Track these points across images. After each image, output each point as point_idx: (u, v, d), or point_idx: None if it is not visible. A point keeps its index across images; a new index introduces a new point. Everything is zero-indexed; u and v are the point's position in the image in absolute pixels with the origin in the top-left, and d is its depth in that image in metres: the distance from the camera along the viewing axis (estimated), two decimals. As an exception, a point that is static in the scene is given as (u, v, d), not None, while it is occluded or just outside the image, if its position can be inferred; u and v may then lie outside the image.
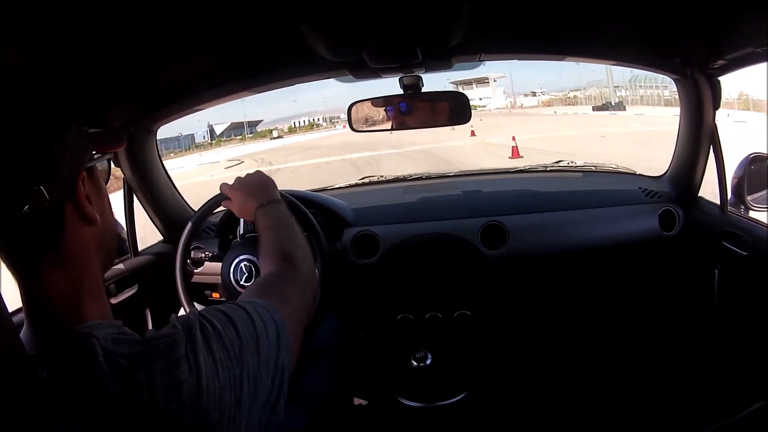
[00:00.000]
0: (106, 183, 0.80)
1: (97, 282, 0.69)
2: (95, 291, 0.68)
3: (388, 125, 1.49)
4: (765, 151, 1.58)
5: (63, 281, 0.63)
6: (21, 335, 0.64)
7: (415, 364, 1.61)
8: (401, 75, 1.42)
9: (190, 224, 1.52)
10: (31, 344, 0.62)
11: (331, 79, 1.53)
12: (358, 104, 1.52)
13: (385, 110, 1.48)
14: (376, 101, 1.48)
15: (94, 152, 0.73)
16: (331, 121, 64.16)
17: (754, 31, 1.16)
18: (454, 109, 1.46)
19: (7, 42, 0.77)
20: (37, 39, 0.81)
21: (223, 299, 1.47)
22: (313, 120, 66.97)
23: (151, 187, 1.76)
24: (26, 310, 0.64)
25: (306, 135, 49.79)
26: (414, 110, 1.46)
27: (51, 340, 0.62)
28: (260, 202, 1.09)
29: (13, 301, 0.64)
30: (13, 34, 0.76)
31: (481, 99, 61.57)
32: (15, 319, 1.17)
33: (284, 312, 0.72)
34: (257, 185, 1.16)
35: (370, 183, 2.33)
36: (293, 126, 63.80)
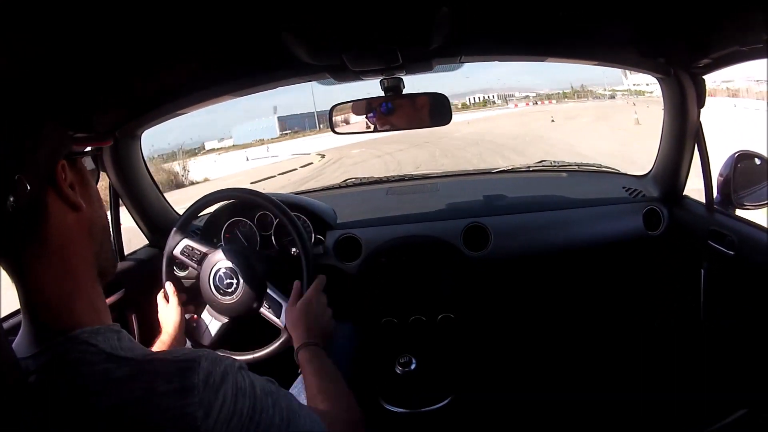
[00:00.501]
0: (98, 175, 0.81)
1: (89, 275, 0.68)
2: (87, 283, 0.67)
3: (371, 127, 1.45)
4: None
5: (53, 271, 0.62)
6: (19, 335, 0.63)
7: (400, 369, 1.58)
8: (382, 77, 1.40)
9: (175, 228, 1.50)
10: (27, 345, 0.61)
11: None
12: (340, 106, 1.48)
13: (369, 112, 1.45)
14: (357, 107, 1.45)
15: (78, 144, 0.73)
16: (506, 99, 55.64)
17: (740, 29, 1.13)
18: (435, 110, 1.42)
19: None
20: (21, 41, 0.78)
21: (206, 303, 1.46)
22: (487, 97, 60.55)
23: (137, 192, 1.74)
24: (23, 308, 0.63)
25: (475, 113, 42.55)
26: (395, 112, 1.42)
27: (46, 342, 0.60)
28: (309, 340, 1.11)
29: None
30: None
31: (648, 84, 57.09)
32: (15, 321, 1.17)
33: None
34: (318, 323, 1.18)
35: (353, 185, 2.29)
36: (467, 103, 58.32)
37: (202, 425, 0.56)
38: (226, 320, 1.41)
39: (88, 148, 0.78)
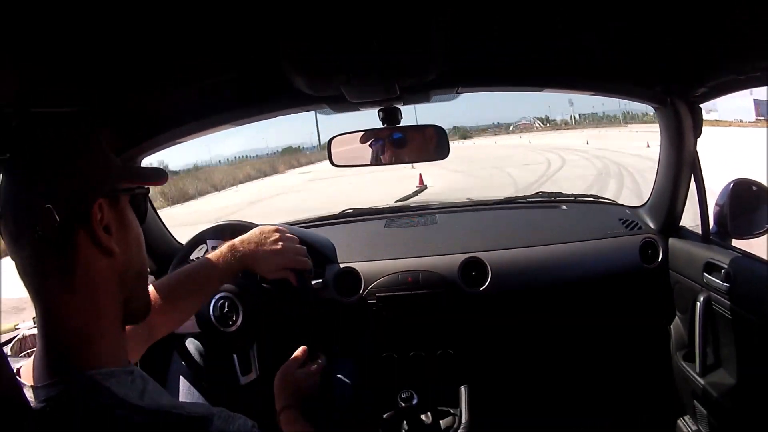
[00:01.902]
0: (144, 214, 0.74)
1: (114, 317, 0.63)
2: (111, 325, 0.62)
3: (379, 159, 1.41)
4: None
5: (76, 308, 0.59)
6: (32, 360, 0.61)
7: (403, 405, 1.52)
8: (379, 108, 1.36)
9: (176, 259, 1.47)
10: (40, 373, 0.58)
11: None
12: (340, 138, 1.43)
13: (369, 144, 1.41)
14: (365, 136, 1.40)
15: (124, 183, 0.67)
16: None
17: (737, 58, 1.11)
18: (438, 143, 1.38)
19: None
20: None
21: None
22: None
23: None
24: (40, 335, 0.59)
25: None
26: (404, 145, 1.38)
27: (59, 375, 0.56)
28: (288, 404, 1.14)
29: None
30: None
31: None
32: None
33: None
34: (304, 391, 1.20)
35: (351, 216, 2.22)
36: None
37: None
38: None
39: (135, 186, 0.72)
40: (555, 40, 1.11)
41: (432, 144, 1.38)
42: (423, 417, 1.46)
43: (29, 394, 0.57)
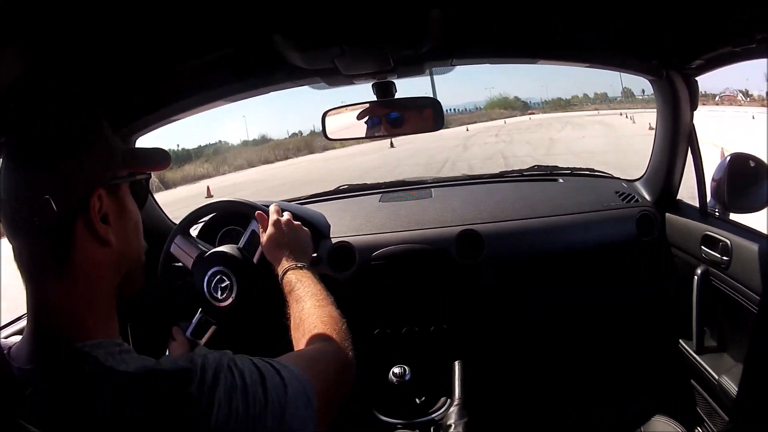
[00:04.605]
0: (145, 200, 0.74)
1: (108, 303, 0.64)
2: (104, 311, 0.63)
3: (374, 132, 1.39)
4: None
5: (70, 296, 0.59)
6: (20, 342, 0.61)
7: (395, 381, 1.52)
8: (374, 81, 1.36)
9: (174, 231, 1.47)
10: (28, 354, 0.58)
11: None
12: (336, 110, 1.42)
13: (365, 118, 1.39)
14: (362, 113, 1.39)
15: (126, 170, 0.67)
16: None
17: (732, 30, 1.11)
18: (434, 115, 1.37)
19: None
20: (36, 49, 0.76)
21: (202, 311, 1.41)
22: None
23: None
24: (29, 317, 0.60)
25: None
26: (401, 116, 1.37)
27: (48, 355, 0.57)
28: (295, 263, 1.09)
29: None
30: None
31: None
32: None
33: (320, 390, 0.68)
34: (299, 243, 1.18)
35: (346, 192, 2.22)
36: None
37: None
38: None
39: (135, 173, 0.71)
40: (549, 10, 1.11)
41: (428, 116, 1.38)
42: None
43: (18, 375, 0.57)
